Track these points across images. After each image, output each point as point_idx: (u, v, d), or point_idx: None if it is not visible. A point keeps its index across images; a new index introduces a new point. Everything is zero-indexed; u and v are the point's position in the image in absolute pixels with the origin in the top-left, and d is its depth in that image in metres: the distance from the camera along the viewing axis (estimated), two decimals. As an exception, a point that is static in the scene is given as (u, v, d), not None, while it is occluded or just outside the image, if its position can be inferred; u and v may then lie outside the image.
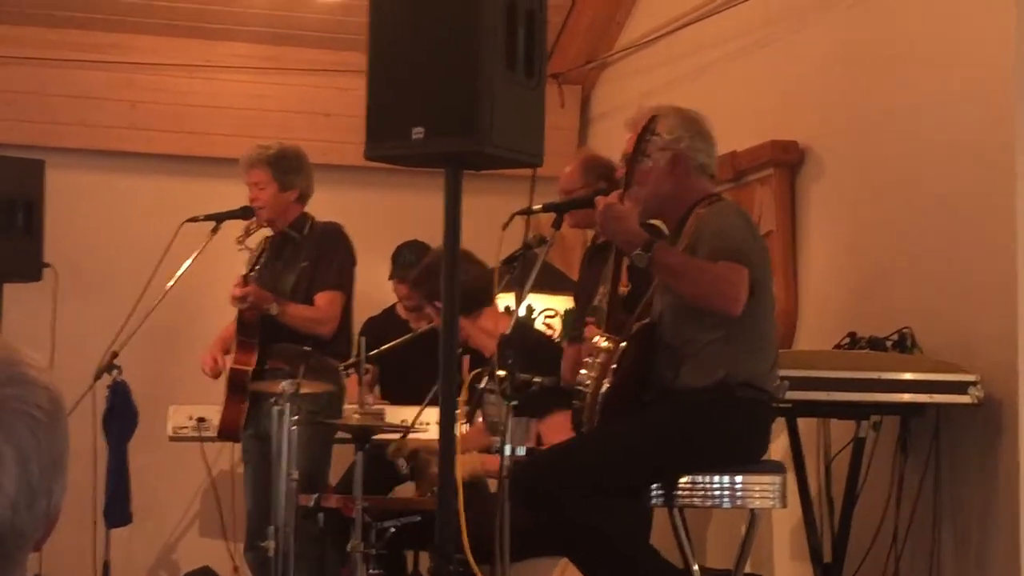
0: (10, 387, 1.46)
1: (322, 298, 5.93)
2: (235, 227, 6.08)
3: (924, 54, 5.23)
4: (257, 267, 5.88)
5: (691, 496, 4.41)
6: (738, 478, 4.40)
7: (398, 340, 6.12)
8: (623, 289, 4.51)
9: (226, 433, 6.09)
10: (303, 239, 6.03)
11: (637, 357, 4.39)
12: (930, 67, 5.18)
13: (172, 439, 6.79)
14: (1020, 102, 4.68)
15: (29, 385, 1.48)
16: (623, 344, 4.37)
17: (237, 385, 5.94)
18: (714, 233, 4.35)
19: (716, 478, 4.39)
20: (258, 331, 5.92)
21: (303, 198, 6.11)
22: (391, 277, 7.04)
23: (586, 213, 4.72)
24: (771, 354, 4.46)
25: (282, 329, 5.82)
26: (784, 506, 4.56)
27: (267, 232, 6.13)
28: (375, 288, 6.95)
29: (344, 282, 6.00)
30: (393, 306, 7.09)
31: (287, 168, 6.04)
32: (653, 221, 4.78)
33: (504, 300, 6.04)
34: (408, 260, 6.84)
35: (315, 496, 5.36)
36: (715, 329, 4.33)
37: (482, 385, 4.42)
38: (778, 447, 4.79)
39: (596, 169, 5.38)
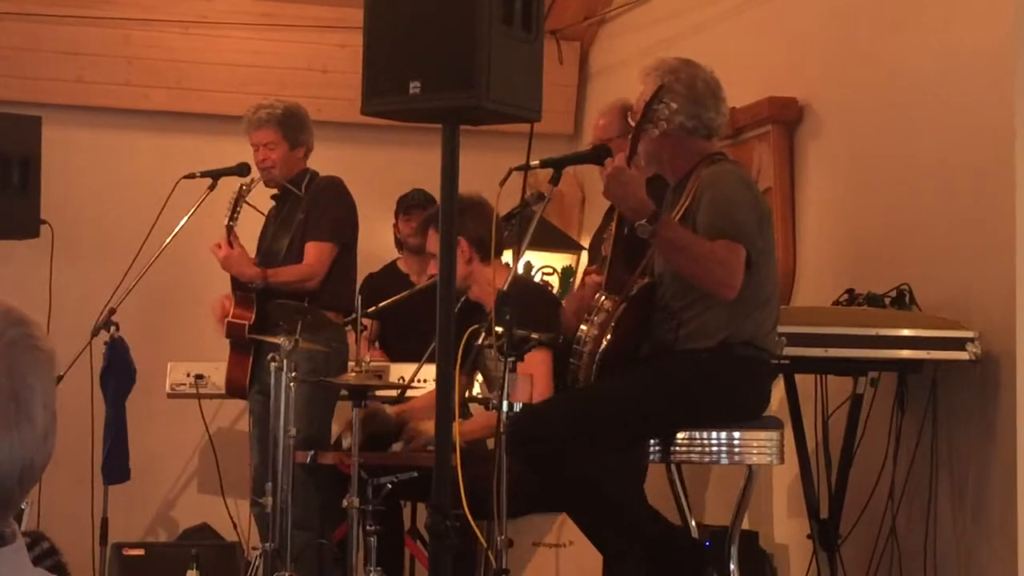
0: (17, 327, 1.49)
1: (310, 248, 5.89)
2: (232, 183, 6.06)
3: (925, 12, 5.21)
4: (237, 215, 5.85)
5: (689, 452, 4.42)
6: (736, 434, 4.40)
7: (399, 295, 6.09)
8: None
9: (233, 390, 6.09)
10: (302, 195, 6.02)
11: (637, 317, 4.39)
12: (931, 25, 5.16)
13: (170, 396, 6.79)
14: (1019, 61, 4.67)
15: (30, 324, 1.52)
16: (623, 304, 4.36)
17: (236, 340, 5.94)
18: (713, 204, 4.32)
19: (714, 434, 4.39)
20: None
21: (308, 154, 6.11)
22: (398, 212, 7.00)
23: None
24: (773, 314, 4.46)
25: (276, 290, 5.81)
26: (782, 462, 4.57)
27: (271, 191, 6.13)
28: (375, 245, 6.93)
29: (337, 234, 5.95)
30: (394, 262, 7.06)
31: (295, 126, 6.02)
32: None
33: (503, 257, 6.03)
34: (417, 200, 6.83)
35: (311, 453, 5.36)
36: (717, 293, 4.33)
37: (479, 342, 4.40)
38: (776, 403, 4.79)
39: None
